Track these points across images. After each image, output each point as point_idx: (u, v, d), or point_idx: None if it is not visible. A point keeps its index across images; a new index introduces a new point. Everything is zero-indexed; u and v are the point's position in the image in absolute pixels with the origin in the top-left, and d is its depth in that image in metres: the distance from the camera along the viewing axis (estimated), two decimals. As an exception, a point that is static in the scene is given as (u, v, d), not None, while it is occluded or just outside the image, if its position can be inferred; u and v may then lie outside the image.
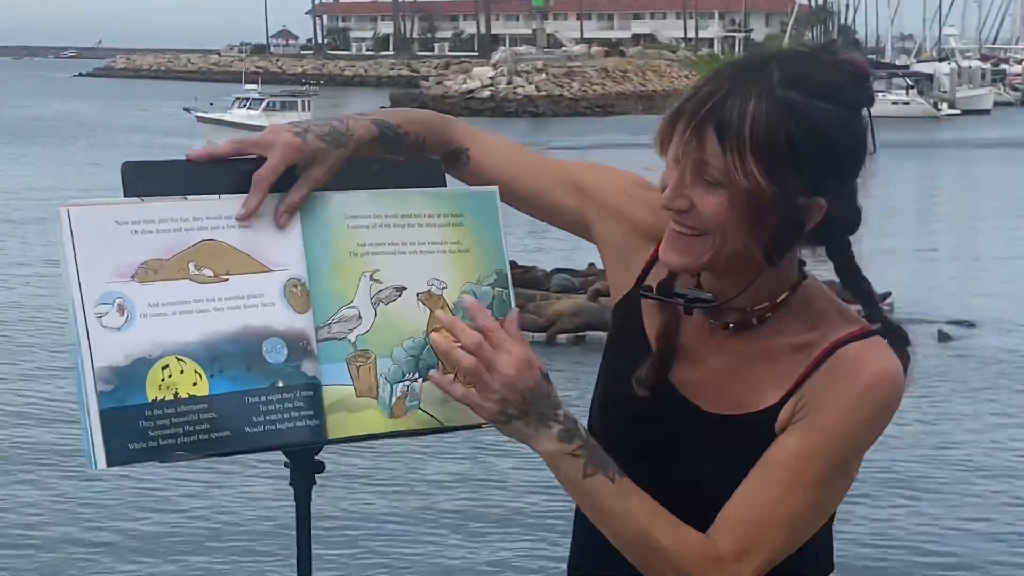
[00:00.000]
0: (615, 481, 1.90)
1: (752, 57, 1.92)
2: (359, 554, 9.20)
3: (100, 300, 1.79)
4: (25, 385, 14.04)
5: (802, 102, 1.83)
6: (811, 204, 1.85)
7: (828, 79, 1.86)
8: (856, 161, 1.90)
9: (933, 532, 9.94)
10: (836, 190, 1.86)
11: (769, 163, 1.81)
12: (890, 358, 1.92)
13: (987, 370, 15.66)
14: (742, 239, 1.86)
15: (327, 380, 1.89)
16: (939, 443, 12.46)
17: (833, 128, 1.84)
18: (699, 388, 1.98)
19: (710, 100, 1.84)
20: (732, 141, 1.82)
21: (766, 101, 1.82)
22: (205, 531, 9.78)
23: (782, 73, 1.85)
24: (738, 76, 1.86)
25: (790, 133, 1.82)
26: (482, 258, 2.01)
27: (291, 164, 1.91)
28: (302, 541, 1.98)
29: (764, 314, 1.95)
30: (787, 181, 1.82)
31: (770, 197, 1.83)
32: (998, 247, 25.83)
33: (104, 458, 1.75)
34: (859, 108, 1.89)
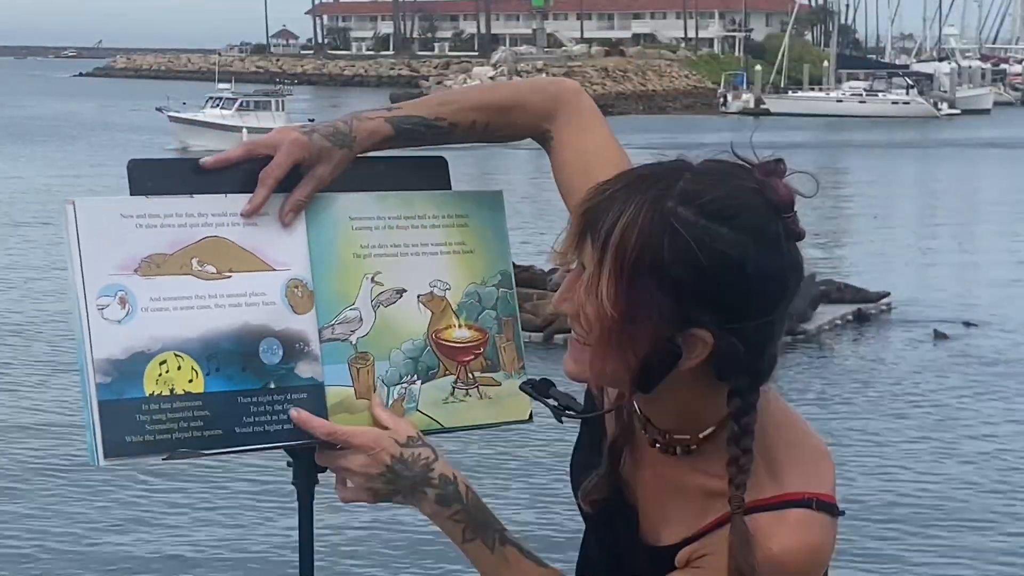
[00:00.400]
0: (494, 550, 1.86)
1: (671, 163, 1.72)
2: (361, 554, 9.20)
3: (102, 292, 1.79)
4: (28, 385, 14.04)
5: (689, 221, 1.64)
6: (690, 336, 1.66)
7: (735, 203, 1.65)
8: (752, 297, 1.66)
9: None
10: (722, 326, 1.65)
11: (631, 279, 1.64)
12: (800, 537, 1.70)
13: (986, 370, 15.66)
14: (616, 361, 1.70)
15: (330, 381, 1.90)
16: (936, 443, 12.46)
17: (717, 256, 1.63)
18: (636, 498, 1.86)
19: (594, 200, 1.70)
20: (599, 248, 1.67)
21: (647, 213, 1.64)
22: (207, 530, 9.78)
23: (685, 185, 1.66)
24: (639, 180, 1.69)
25: (658, 251, 1.63)
26: (486, 259, 2.02)
27: (297, 161, 1.91)
28: (304, 541, 1.99)
29: (687, 447, 1.77)
30: (652, 302, 1.64)
31: (620, 321, 1.66)
32: (997, 247, 25.82)
33: (102, 451, 1.76)
34: (766, 240, 1.65)
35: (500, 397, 2.00)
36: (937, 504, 10.82)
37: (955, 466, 11.87)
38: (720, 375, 1.70)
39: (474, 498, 1.87)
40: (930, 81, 78.84)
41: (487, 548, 1.87)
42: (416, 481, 1.84)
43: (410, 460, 1.83)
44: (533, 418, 2.03)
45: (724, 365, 1.68)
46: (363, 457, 1.83)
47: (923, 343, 17.14)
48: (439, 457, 1.85)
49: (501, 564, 1.87)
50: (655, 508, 1.84)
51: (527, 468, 10.81)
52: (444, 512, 1.85)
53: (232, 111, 49.24)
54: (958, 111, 75.06)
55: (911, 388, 14.85)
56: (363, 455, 1.83)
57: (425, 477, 1.84)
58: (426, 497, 1.84)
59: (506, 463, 10.91)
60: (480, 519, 1.86)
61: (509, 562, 1.87)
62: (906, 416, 13.68)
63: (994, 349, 16.74)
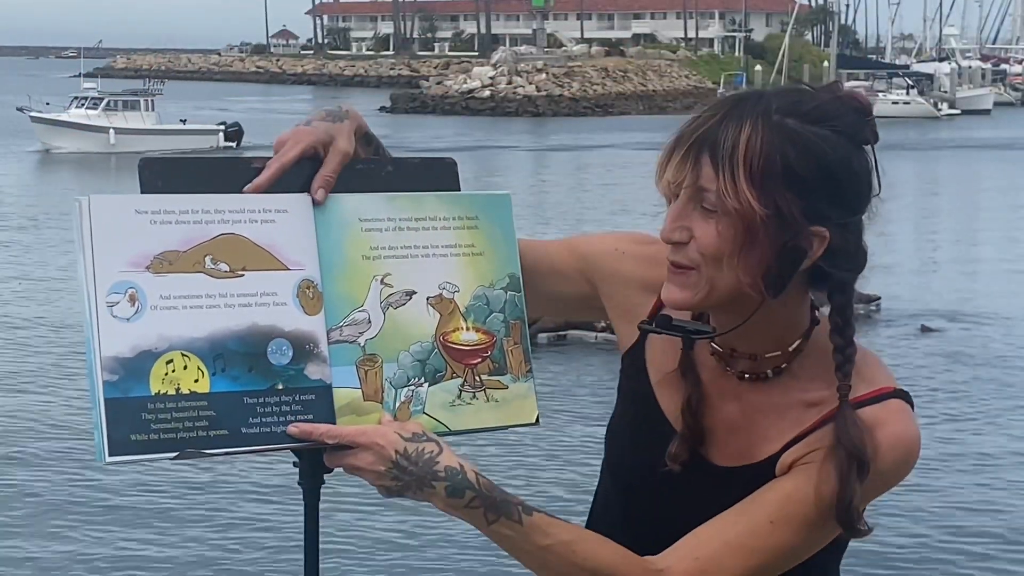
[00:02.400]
0: (523, 522, 1.85)
1: (751, 90, 1.87)
2: (363, 553, 9.20)
3: (112, 289, 1.79)
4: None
5: (799, 127, 1.79)
6: (812, 233, 1.80)
7: (827, 108, 1.82)
8: (859, 194, 1.83)
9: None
10: (838, 220, 1.80)
11: (763, 185, 1.77)
12: (905, 424, 1.85)
13: (984, 369, 15.65)
14: (740, 270, 1.80)
15: (338, 383, 1.90)
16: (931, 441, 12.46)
17: (832, 154, 1.79)
18: (710, 438, 1.93)
19: (704, 126, 1.81)
20: (725, 164, 1.78)
21: (762, 125, 1.78)
22: (209, 529, 9.78)
23: (779, 102, 1.81)
24: (735, 104, 1.82)
25: (785, 155, 1.77)
26: (495, 261, 2.02)
27: (305, 149, 1.92)
28: (309, 540, 1.99)
29: (778, 365, 1.89)
30: (783, 205, 1.77)
31: (765, 221, 1.77)
32: (997, 247, 25.81)
33: (107, 448, 1.76)
34: (860, 141, 1.83)
35: (507, 400, 2.01)
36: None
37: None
38: (823, 276, 1.82)
39: (486, 482, 1.86)
40: (930, 81, 78.80)
41: (514, 523, 1.85)
42: (423, 475, 1.83)
43: (415, 454, 1.83)
44: (540, 421, 2.04)
45: (835, 259, 1.81)
46: (369, 455, 1.83)
47: (910, 339, 17.15)
48: (444, 450, 1.85)
49: (534, 533, 1.85)
50: (746, 434, 1.90)
51: (530, 463, 10.83)
52: (459, 503, 1.84)
53: (98, 111, 47.29)
54: (958, 111, 75.02)
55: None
56: (370, 452, 1.83)
57: (431, 471, 1.83)
58: (435, 491, 1.84)
59: (508, 461, 10.93)
60: (498, 499, 1.85)
61: (541, 527, 1.86)
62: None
63: (996, 347, 16.74)
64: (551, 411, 11.67)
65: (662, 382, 1.98)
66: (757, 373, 1.91)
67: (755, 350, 1.90)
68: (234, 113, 62.99)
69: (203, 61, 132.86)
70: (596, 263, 2.08)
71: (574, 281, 2.09)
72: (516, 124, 63.08)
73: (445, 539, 9.37)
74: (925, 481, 10.87)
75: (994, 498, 10.94)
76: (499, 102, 72.17)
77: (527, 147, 50.60)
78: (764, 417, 1.90)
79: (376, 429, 1.86)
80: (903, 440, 1.84)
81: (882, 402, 1.85)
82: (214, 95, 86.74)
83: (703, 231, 1.81)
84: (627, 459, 2.01)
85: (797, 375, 1.89)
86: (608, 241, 2.10)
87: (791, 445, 1.87)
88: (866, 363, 1.88)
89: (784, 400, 1.89)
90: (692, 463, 1.93)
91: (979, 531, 10.16)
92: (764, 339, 1.89)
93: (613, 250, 2.08)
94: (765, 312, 1.84)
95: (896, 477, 1.86)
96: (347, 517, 9.53)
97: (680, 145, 1.82)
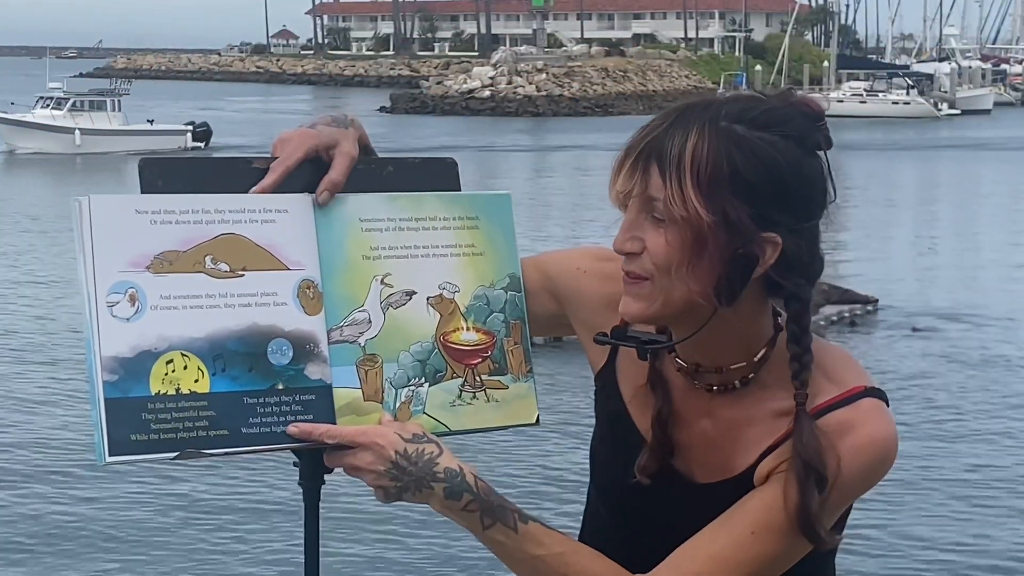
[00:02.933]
0: (517, 529, 1.84)
1: (701, 97, 1.85)
2: (365, 554, 9.20)
3: (112, 289, 1.79)
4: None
5: (746, 133, 1.77)
6: (763, 239, 1.77)
7: (776, 114, 1.80)
8: (810, 199, 1.81)
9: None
10: (790, 226, 1.78)
11: (710, 192, 1.75)
12: (877, 424, 1.82)
13: (982, 369, 15.65)
14: (691, 279, 1.78)
15: (338, 383, 1.90)
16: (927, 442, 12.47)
17: (781, 159, 1.77)
18: (687, 455, 1.92)
19: (652, 134, 1.80)
20: (672, 172, 1.76)
21: (708, 132, 1.77)
22: (210, 530, 9.78)
23: (728, 109, 1.80)
24: (683, 112, 1.81)
25: (733, 161, 1.76)
26: (495, 261, 2.02)
27: (308, 151, 1.92)
28: (310, 539, 1.99)
29: (745, 376, 1.87)
30: (731, 211, 1.75)
31: (713, 228, 1.75)
32: (997, 247, 25.80)
33: (107, 448, 1.76)
34: (811, 146, 1.81)
35: (507, 400, 2.01)
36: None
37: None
38: (777, 286, 1.80)
39: (485, 486, 1.86)
40: (930, 81, 78.80)
41: (509, 530, 1.85)
42: (422, 476, 1.83)
43: (414, 455, 1.83)
44: (540, 421, 2.04)
45: (789, 267, 1.79)
46: (369, 455, 1.83)
47: (905, 340, 17.15)
48: (444, 451, 1.85)
49: (528, 542, 1.85)
50: (722, 449, 1.89)
51: (530, 463, 10.82)
52: (456, 505, 1.84)
53: (64, 111, 46.83)
54: (958, 111, 75.02)
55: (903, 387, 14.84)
56: (369, 452, 1.83)
57: (431, 471, 1.83)
58: (434, 492, 1.83)
59: (509, 462, 10.92)
60: (495, 504, 1.85)
61: (535, 537, 1.85)
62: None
63: (994, 347, 16.73)
64: (548, 411, 11.66)
65: (634, 400, 1.97)
66: (725, 385, 1.88)
67: (719, 362, 1.87)
68: (234, 113, 62.96)
69: (203, 61, 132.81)
70: (559, 283, 2.06)
71: (542, 300, 2.07)
72: (516, 124, 63.07)
73: (445, 537, 9.37)
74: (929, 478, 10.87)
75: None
76: (499, 102, 72.17)
77: (527, 147, 50.60)
78: (738, 430, 1.88)
79: (376, 429, 1.85)
80: (876, 441, 1.82)
81: (853, 403, 1.83)
82: (213, 95, 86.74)
83: (654, 241, 1.80)
84: (610, 479, 2.00)
85: (765, 384, 1.87)
86: (571, 259, 2.08)
87: (767, 455, 1.85)
88: (835, 363, 1.87)
89: (756, 411, 1.87)
90: (674, 482, 1.92)
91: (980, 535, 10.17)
92: (726, 350, 1.86)
93: (575, 269, 2.05)
94: (723, 322, 1.82)
95: (873, 478, 1.84)
96: (347, 517, 9.54)
97: (629, 154, 1.81)
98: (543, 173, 40.74)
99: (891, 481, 10.61)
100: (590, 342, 2.01)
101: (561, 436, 11.40)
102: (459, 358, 1.98)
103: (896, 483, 10.80)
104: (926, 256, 24.73)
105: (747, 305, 1.82)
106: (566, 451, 10.98)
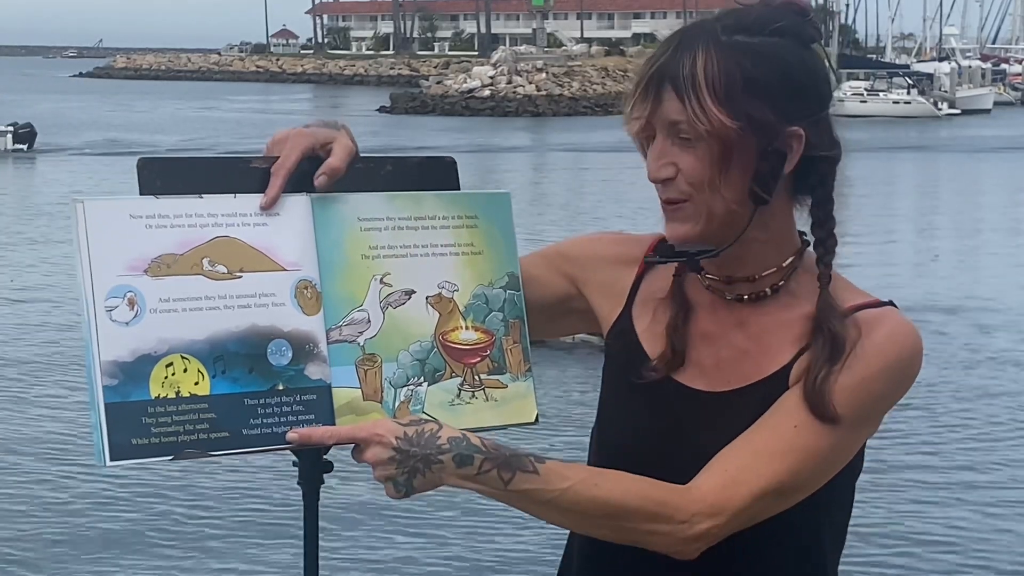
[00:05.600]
0: (539, 471, 1.82)
1: (694, 21, 1.94)
2: (365, 553, 9.21)
3: (111, 293, 1.79)
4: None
5: (748, 40, 1.87)
6: (789, 133, 1.86)
7: (768, 17, 1.89)
8: (820, 90, 1.91)
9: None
10: (809, 117, 1.88)
11: (729, 100, 1.83)
12: (907, 323, 1.91)
13: (980, 369, 15.65)
14: (727, 188, 1.86)
15: (337, 383, 1.90)
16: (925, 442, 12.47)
17: (787, 57, 1.87)
18: (718, 370, 1.95)
19: (659, 61, 1.88)
20: (689, 92, 1.84)
21: (713, 47, 1.85)
22: (210, 529, 9.79)
23: (724, 22, 1.89)
24: (682, 36, 1.89)
25: (743, 67, 1.84)
26: (494, 261, 2.02)
27: (304, 151, 1.93)
28: (309, 540, 1.99)
29: (776, 283, 1.94)
30: (755, 113, 1.84)
31: (741, 134, 1.84)
32: (997, 247, 25.82)
33: (108, 453, 1.76)
34: (807, 40, 1.91)
35: (506, 399, 2.01)
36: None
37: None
38: (810, 168, 1.89)
39: (492, 443, 1.85)
40: (930, 81, 78.81)
41: (531, 474, 1.82)
42: (428, 452, 1.82)
43: (415, 436, 1.82)
44: (539, 420, 2.04)
45: (817, 155, 1.89)
46: (372, 448, 1.82)
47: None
48: (443, 426, 1.85)
49: (552, 477, 1.83)
50: (755, 356, 1.93)
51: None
52: (470, 471, 1.82)
53: None
54: (958, 111, 75.05)
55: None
56: (372, 446, 1.82)
57: (435, 445, 1.82)
58: (444, 465, 1.82)
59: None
60: (507, 455, 1.84)
61: (558, 471, 1.84)
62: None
63: (993, 347, 16.74)
64: (547, 410, 11.68)
65: (655, 344, 1.99)
66: (756, 293, 1.95)
67: (752, 271, 1.94)
68: (234, 112, 62.95)
69: (203, 61, 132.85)
70: (571, 253, 2.11)
71: (551, 283, 2.10)
72: (516, 124, 63.10)
73: (446, 535, 9.38)
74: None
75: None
76: (499, 102, 72.17)
77: (527, 147, 50.62)
78: (771, 335, 1.94)
79: (373, 423, 1.85)
80: (907, 333, 1.89)
81: (881, 307, 1.92)
82: (213, 94, 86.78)
83: (686, 162, 1.87)
84: (622, 428, 2.00)
85: (795, 293, 1.94)
86: (581, 236, 2.16)
87: (802, 352, 1.90)
88: (856, 286, 1.97)
89: (787, 315, 1.93)
90: (698, 400, 1.94)
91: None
92: (760, 256, 1.93)
93: (587, 239, 2.14)
94: (758, 226, 1.90)
95: (909, 371, 1.90)
96: (346, 517, 9.54)
97: (640, 85, 1.89)
98: (543, 173, 40.77)
99: (890, 483, 10.61)
100: (603, 300, 2.06)
101: (560, 436, 11.42)
102: (458, 357, 1.99)
103: (893, 484, 10.81)
104: (925, 255, 24.73)
105: (777, 207, 1.91)
106: (566, 450, 10.99)
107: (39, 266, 20.98)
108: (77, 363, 13.60)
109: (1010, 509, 10.47)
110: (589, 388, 13.08)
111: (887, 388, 1.88)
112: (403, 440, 1.82)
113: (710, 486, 1.84)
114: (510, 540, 9.32)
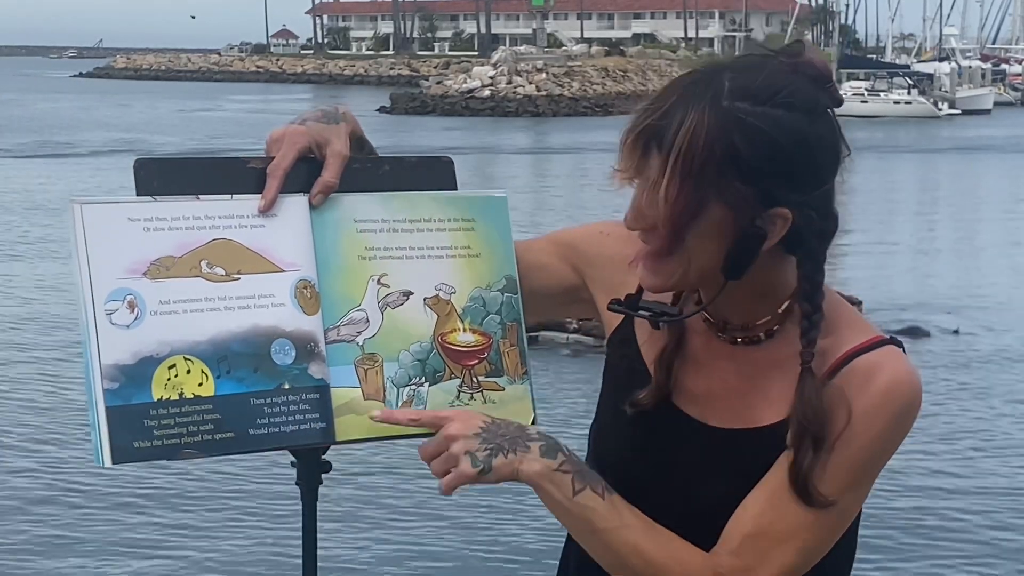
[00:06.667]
0: (605, 497, 1.83)
1: (707, 67, 1.84)
2: (364, 552, 9.20)
3: (111, 297, 1.79)
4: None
5: (748, 111, 1.76)
6: (771, 215, 1.79)
7: (781, 85, 1.79)
8: (818, 169, 1.81)
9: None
10: (797, 199, 1.79)
11: (700, 176, 1.75)
12: (906, 367, 1.85)
13: (980, 371, 15.65)
14: (703, 255, 1.80)
15: (336, 382, 1.90)
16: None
17: (785, 135, 1.77)
18: (708, 401, 1.93)
19: (652, 116, 1.79)
20: (671, 156, 1.76)
21: (709, 112, 1.76)
22: (208, 529, 9.79)
23: (732, 83, 1.78)
24: (687, 87, 1.80)
25: (732, 143, 1.75)
26: (492, 263, 2.02)
27: (301, 150, 1.92)
28: (308, 539, 2.00)
29: (770, 328, 1.89)
30: (726, 192, 1.76)
31: (700, 210, 1.77)
32: (996, 247, 25.81)
33: (109, 455, 1.76)
34: (818, 112, 1.81)
35: (504, 401, 2.01)
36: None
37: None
38: (795, 246, 1.81)
39: (571, 452, 1.85)
40: (930, 81, 78.74)
41: (598, 496, 1.83)
42: (517, 436, 1.83)
43: (503, 422, 1.85)
44: (536, 423, 2.04)
45: (802, 235, 1.80)
46: (457, 423, 1.83)
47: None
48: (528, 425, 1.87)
49: (614, 510, 1.84)
50: (745, 396, 1.90)
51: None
52: (552, 464, 1.82)
53: None
54: (959, 111, 74.99)
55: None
56: (457, 422, 1.83)
57: (524, 432, 1.84)
58: (529, 451, 1.82)
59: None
60: (585, 469, 1.84)
61: (622, 508, 1.84)
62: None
63: (993, 348, 16.74)
64: (545, 412, 11.68)
65: (653, 356, 1.97)
66: (750, 338, 1.90)
67: (745, 320, 1.90)
68: (234, 112, 62.82)
69: (203, 61, 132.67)
70: (581, 247, 2.09)
71: (559, 272, 2.09)
72: (516, 124, 63.06)
73: (445, 536, 9.37)
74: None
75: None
76: (499, 102, 72.10)
77: (527, 147, 50.58)
78: (765, 377, 1.89)
79: (457, 410, 1.88)
80: (903, 383, 1.83)
81: (878, 349, 1.86)
82: (213, 95, 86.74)
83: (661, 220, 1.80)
84: (617, 437, 1.99)
85: (790, 335, 1.87)
86: (592, 227, 2.12)
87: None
88: (855, 316, 1.91)
89: (781, 356, 1.88)
90: (687, 428, 1.92)
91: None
92: (751, 308, 1.89)
93: (598, 233, 2.09)
94: (744, 284, 1.84)
95: (906, 422, 1.85)
96: (346, 517, 9.54)
97: (630, 135, 1.81)
98: (543, 173, 40.74)
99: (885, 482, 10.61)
100: (607, 301, 2.02)
101: (560, 436, 11.40)
102: (456, 359, 1.99)
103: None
104: (925, 255, 24.72)
105: (768, 265, 1.84)
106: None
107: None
108: (63, 360, 13.61)
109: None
110: (586, 391, 13.07)
111: (884, 446, 1.85)
112: (491, 422, 1.84)
113: (729, 567, 1.83)
114: (510, 537, 9.32)
